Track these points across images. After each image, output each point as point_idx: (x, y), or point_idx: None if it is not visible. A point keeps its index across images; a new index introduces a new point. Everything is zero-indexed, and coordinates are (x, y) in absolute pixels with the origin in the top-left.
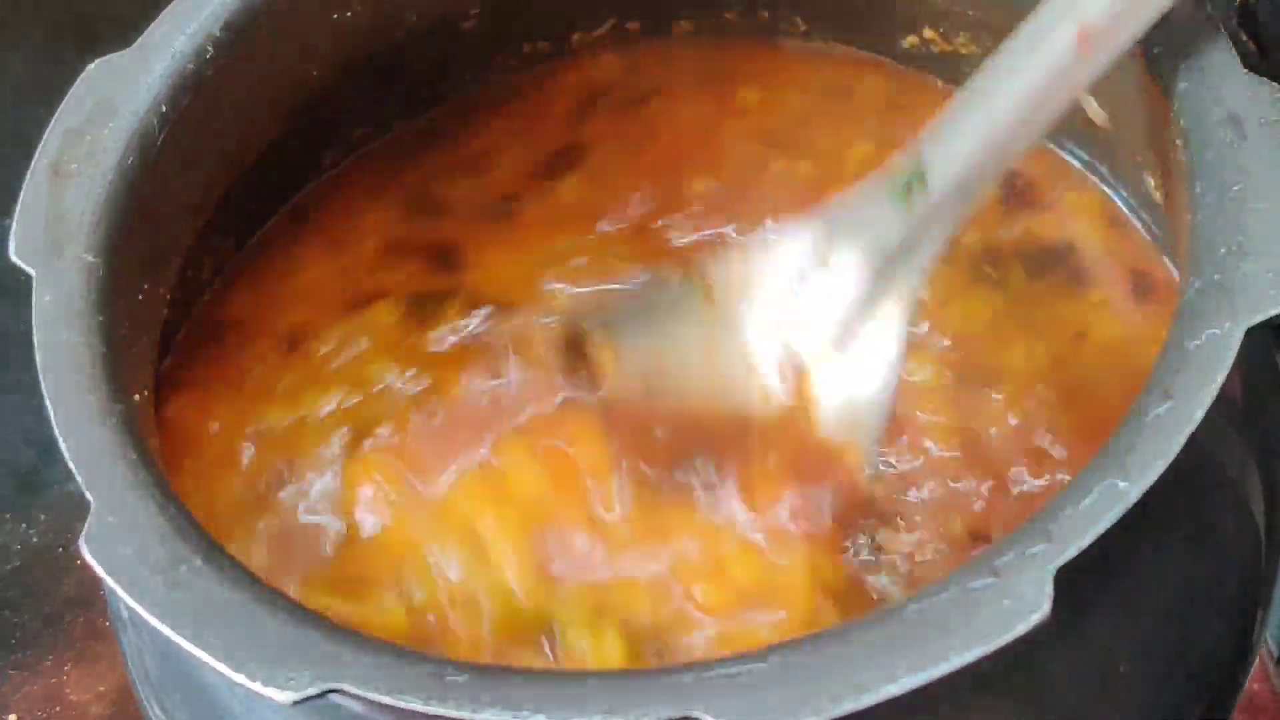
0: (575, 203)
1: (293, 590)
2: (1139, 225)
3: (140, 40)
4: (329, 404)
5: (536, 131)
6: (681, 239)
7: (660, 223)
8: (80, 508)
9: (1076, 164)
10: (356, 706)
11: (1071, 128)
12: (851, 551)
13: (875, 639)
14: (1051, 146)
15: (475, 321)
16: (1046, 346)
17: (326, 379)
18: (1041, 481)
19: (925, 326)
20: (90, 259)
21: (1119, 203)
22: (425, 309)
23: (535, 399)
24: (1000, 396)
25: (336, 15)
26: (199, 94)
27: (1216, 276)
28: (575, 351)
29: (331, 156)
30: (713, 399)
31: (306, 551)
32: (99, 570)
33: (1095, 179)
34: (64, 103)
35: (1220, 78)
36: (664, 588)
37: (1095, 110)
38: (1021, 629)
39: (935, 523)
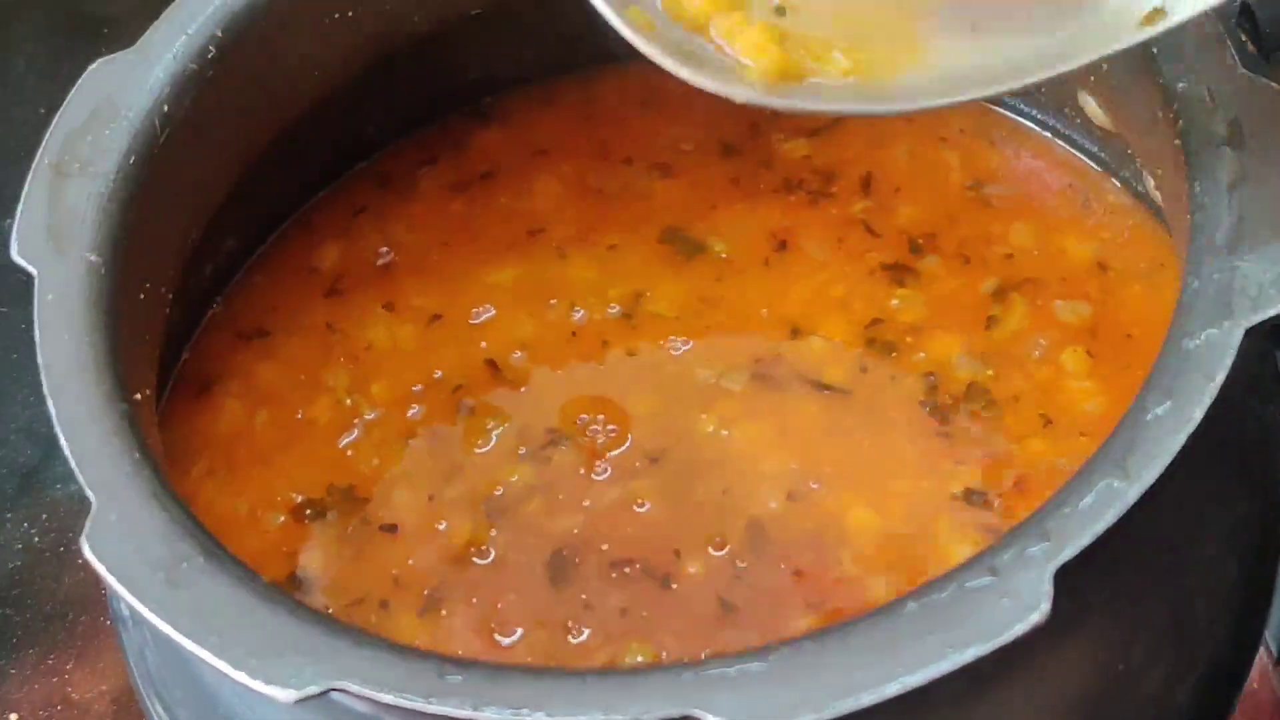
0: None
1: None
2: None
3: (142, 40)
4: None
5: None
6: None
7: None
8: (81, 506)
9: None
10: (358, 705)
11: (1072, 127)
12: None
13: (874, 639)
14: (1053, 144)
15: None
16: None
17: None
18: None
19: None
20: (92, 258)
21: None
22: None
23: None
24: None
25: (338, 15)
26: (201, 94)
27: (1215, 276)
28: None
29: (335, 158)
30: None
31: None
32: (100, 569)
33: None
34: (66, 103)
35: (1220, 78)
36: None
37: (1095, 110)
38: (1020, 629)
39: None
